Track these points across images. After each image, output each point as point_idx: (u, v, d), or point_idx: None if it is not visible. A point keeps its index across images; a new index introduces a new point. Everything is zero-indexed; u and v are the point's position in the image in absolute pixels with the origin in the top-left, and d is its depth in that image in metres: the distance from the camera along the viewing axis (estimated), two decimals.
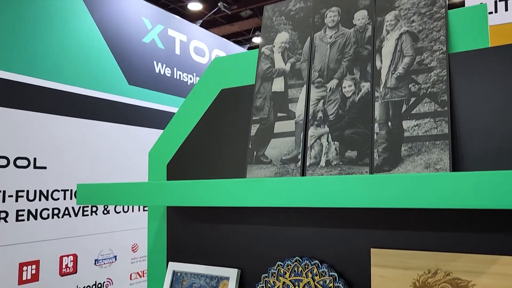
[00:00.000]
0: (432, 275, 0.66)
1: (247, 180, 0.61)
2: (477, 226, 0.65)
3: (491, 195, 0.45)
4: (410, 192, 0.49)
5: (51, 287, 2.31)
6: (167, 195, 0.68)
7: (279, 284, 0.78)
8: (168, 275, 0.92)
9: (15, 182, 2.17)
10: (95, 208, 2.58)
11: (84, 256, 2.50)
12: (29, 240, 2.24)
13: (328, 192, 0.55)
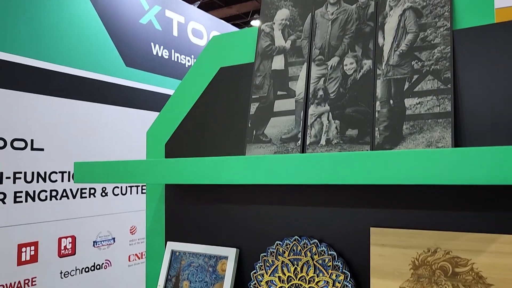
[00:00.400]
0: (432, 254, 0.66)
1: (246, 158, 0.60)
2: (477, 204, 0.65)
3: (493, 171, 0.44)
4: (411, 169, 0.48)
5: (50, 268, 2.32)
6: (166, 173, 0.67)
7: (278, 263, 0.78)
8: (166, 255, 0.92)
9: (13, 164, 2.17)
10: (93, 190, 2.57)
11: (82, 238, 2.50)
12: (28, 221, 2.24)
13: (328, 169, 0.54)
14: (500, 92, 0.63)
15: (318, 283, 0.74)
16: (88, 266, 2.55)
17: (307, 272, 0.75)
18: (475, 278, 0.63)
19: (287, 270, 0.77)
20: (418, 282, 0.66)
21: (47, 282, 2.29)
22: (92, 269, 2.57)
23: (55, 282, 2.33)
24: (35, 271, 2.24)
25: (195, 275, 0.87)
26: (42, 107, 2.29)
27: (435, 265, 0.66)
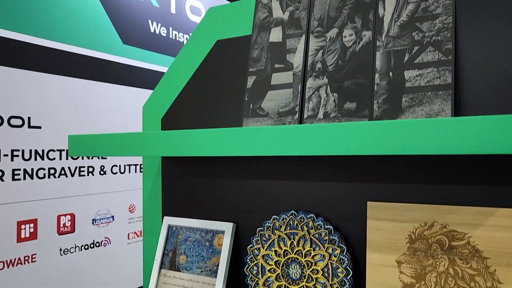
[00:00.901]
0: (428, 228, 0.66)
1: (243, 129, 0.59)
2: (475, 178, 0.64)
3: (493, 140, 0.43)
4: (411, 139, 0.48)
5: (49, 245, 2.33)
6: (162, 145, 0.66)
7: (274, 238, 0.78)
8: (163, 230, 0.91)
9: (10, 142, 2.16)
10: (92, 168, 2.57)
11: (81, 215, 2.51)
12: (26, 199, 2.25)
13: (326, 139, 0.53)
14: (502, 64, 0.62)
15: (314, 257, 0.74)
16: (87, 243, 2.56)
17: (303, 246, 0.75)
18: (472, 252, 0.63)
19: (284, 244, 0.77)
20: (414, 255, 0.66)
21: (46, 258, 2.31)
22: (92, 246, 2.59)
23: (54, 259, 2.35)
24: (34, 248, 2.25)
25: (192, 249, 0.87)
26: (39, 85, 2.26)
27: (431, 239, 0.65)
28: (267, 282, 0.78)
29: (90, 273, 2.51)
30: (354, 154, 0.51)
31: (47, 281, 2.30)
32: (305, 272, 0.74)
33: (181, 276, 0.86)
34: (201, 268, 0.85)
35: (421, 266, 0.66)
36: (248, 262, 0.80)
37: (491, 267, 0.61)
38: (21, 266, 2.22)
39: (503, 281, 0.60)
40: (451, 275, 0.63)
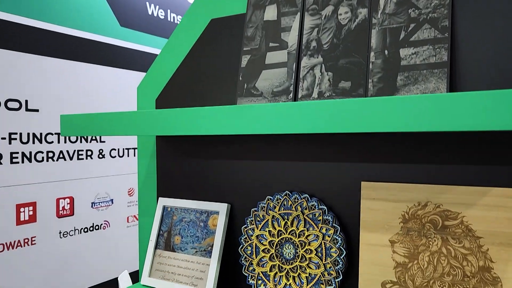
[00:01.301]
0: (422, 207, 0.66)
1: (237, 107, 0.58)
2: (469, 158, 0.63)
3: (490, 115, 0.42)
4: (405, 115, 0.47)
5: (49, 228, 2.35)
6: (156, 124, 0.65)
7: (268, 218, 0.78)
8: (158, 210, 0.91)
9: (8, 125, 2.15)
10: (90, 152, 2.57)
11: (80, 199, 2.52)
12: (25, 182, 2.25)
13: (320, 117, 0.52)
14: (498, 42, 0.61)
15: (308, 237, 0.73)
16: (87, 226, 2.58)
17: (297, 226, 0.75)
18: (465, 231, 0.62)
19: (278, 225, 0.77)
20: (408, 235, 0.66)
21: (46, 241, 2.33)
22: (91, 229, 2.61)
23: (54, 242, 2.36)
24: (34, 231, 2.27)
25: (187, 230, 0.87)
26: (36, 67, 2.25)
27: (425, 219, 0.65)
28: (261, 262, 0.78)
29: (89, 255, 2.53)
30: (348, 131, 0.50)
31: (47, 263, 2.32)
32: (299, 252, 0.74)
33: (176, 257, 0.87)
34: (196, 249, 0.85)
35: (414, 246, 0.66)
36: (242, 242, 0.80)
37: (484, 246, 0.61)
38: (21, 248, 2.23)
39: (495, 260, 0.60)
40: (444, 254, 0.63)
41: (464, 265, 0.62)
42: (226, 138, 0.85)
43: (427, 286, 0.64)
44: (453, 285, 0.62)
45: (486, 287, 0.60)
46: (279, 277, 0.76)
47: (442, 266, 0.63)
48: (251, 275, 0.79)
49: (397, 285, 0.66)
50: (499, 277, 0.60)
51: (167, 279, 0.86)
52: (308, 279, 0.73)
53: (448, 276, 0.63)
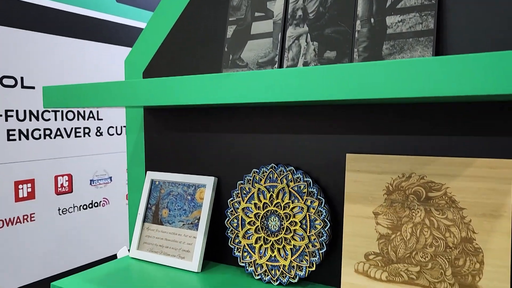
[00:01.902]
0: (406, 179, 0.65)
1: (222, 75, 0.57)
2: (454, 129, 0.62)
3: (477, 79, 0.41)
4: (391, 80, 0.45)
5: (48, 204, 2.36)
6: (142, 94, 0.64)
7: (254, 191, 0.77)
8: (146, 184, 0.91)
9: (3, 102, 2.14)
10: (88, 129, 2.57)
11: (79, 176, 2.53)
12: (23, 159, 2.26)
13: (304, 83, 0.51)
14: (487, 10, 0.59)
15: (293, 209, 0.73)
16: (86, 203, 2.60)
17: (282, 199, 0.74)
18: (448, 203, 0.62)
19: (263, 197, 0.76)
20: (391, 207, 0.66)
21: (45, 218, 2.35)
22: (90, 206, 2.63)
23: (53, 218, 2.39)
24: (33, 208, 2.28)
25: (174, 203, 0.87)
26: (31, 44, 2.22)
27: (408, 190, 0.65)
28: (246, 235, 0.78)
29: (89, 232, 2.55)
30: (333, 98, 0.49)
31: (46, 240, 2.35)
32: (284, 224, 0.74)
33: (163, 230, 0.87)
34: (183, 222, 0.85)
35: (398, 217, 0.65)
36: (228, 215, 0.80)
37: (467, 217, 0.60)
38: (20, 224, 2.25)
39: (477, 231, 0.60)
40: (427, 225, 0.63)
41: (447, 236, 0.62)
42: (213, 111, 0.84)
43: (409, 257, 0.64)
44: (435, 256, 0.62)
45: (468, 258, 0.60)
46: (264, 249, 0.76)
47: (425, 237, 0.63)
48: (237, 247, 0.79)
49: (380, 256, 0.66)
50: (480, 248, 0.59)
51: (155, 252, 0.86)
52: (293, 251, 0.73)
53: (431, 247, 0.63)
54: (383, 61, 0.46)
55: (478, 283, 0.59)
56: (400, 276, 0.64)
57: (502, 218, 0.58)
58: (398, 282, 0.64)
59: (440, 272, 0.62)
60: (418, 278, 0.63)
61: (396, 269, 0.65)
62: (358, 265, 0.67)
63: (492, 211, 0.59)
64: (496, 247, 0.58)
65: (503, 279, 0.58)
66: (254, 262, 0.76)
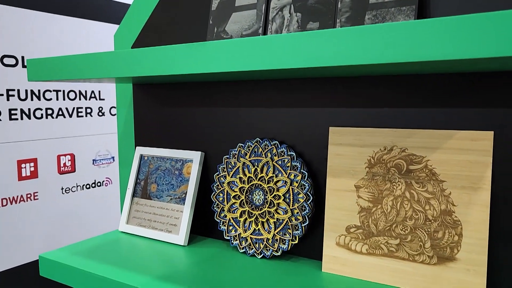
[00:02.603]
0: (388, 152, 0.64)
1: (208, 43, 0.56)
2: (435, 101, 0.61)
3: (460, 42, 0.40)
4: (375, 45, 0.44)
5: (51, 183, 2.39)
6: (129, 64, 0.63)
7: (239, 165, 0.77)
8: (135, 159, 0.92)
9: (5, 81, 2.15)
10: (90, 109, 2.58)
11: (81, 156, 2.55)
12: (25, 139, 2.28)
13: (287, 50, 0.50)
14: None
15: (277, 183, 0.73)
16: (89, 183, 2.62)
17: (266, 173, 0.74)
18: (428, 175, 0.61)
19: (248, 171, 0.76)
20: (373, 180, 0.65)
21: (48, 196, 2.38)
22: (93, 186, 2.65)
23: (56, 197, 2.42)
24: (36, 186, 2.31)
25: (162, 178, 0.88)
26: (32, 23, 2.22)
27: (390, 163, 0.64)
28: (231, 208, 0.78)
29: (92, 211, 2.59)
30: (315, 65, 0.48)
31: (49, 218, 2.38)
32: (268, 198, 0.74)
33: (151, 204, 0.88)
34: (171, 196, 0.86)
35: (379, 190, 0.65)
36: (214, 189, 0.80)
37: (446, 190, 0.60)
38: (23, 203, 2.29)
39: (457, 204, 0.59)
40: (407, 198, 0.63)
41: (427, 209, 0.61)
42: (201, 86, 0.84)
43: (389, 230, 0.64)
44: (414, 229, 0.62)
45: (447, 230, 0.60)
46: (249, 222, 0.76)
47: (405, 210, 0.63)
48: (222, 221, 0.79)
49: (360, 229, 0.66)
50: (459, 220, 0.59)
51: (143, 226, 0.87)
52: (276, 224, 0.73)
53: (410, 220, 0.62)
54: (359, 27, 0.45)
55: (456, 255, 0.59)
56: (380, 249, 0.64)
57: (481, 191, 0.58)
58: (378, 254, 0.64)
59: (420, 244, 0.62)
60: (397, 250, 0.63)
61: (376, 242, 0.65)
62: (339, 238, 0.68)
63: (472, 183, 0.58)
64: (474, 219, 0.58)
65: (481, 251, 0.57)
66: (239, 236, 0.77)
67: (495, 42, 0.37)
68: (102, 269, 0.70)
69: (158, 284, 0.64)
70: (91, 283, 0.70)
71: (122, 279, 0.67)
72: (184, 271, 0.69)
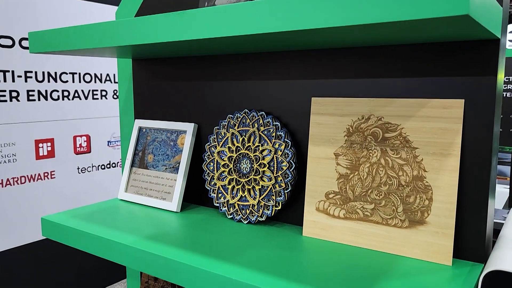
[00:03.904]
0: (365, 121, 0.67)
1: (208, 9, 0.58)
2: (411, 71, 0.63)
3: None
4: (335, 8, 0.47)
5: (67, 162, 2.48)
6: (130, 32, 0.65)
7: (228, 135, 0.81)
8: (134, 132, 0.96)
9: (23, 63, 2.23)
10: (105, 92, 2.65)
11: (96, 137, 2.63)
12: (42, 119, 2.36)
13: (268, 15, 0.53)
14: None
15: (263, 152, 0.76)
16: (103, 163, 2.71)
17: (253, 142, 0.78)
18: (402, 143, 0.64)
19: (236, 141, 0.80)
20: (351, 148, 0.68)
21: (65, 176, 2.47)
22: (108, 166, 2.74)
23: (72, 176, 2.51)
24: (53, 166, 2.41)
25: (159, 149, 0.92)
26: (47, 6, 2.28)
27: (367, 131, 0.67)
28: (221, 177, 0.82)
29: (107, 190, 2.67)
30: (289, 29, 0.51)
31: (66, 196, 2.48)
32: (254, 166, 0.77)
33: (148, 173, 0.92)
34: (166, 166, 0.90)
35: (356, 158, 0.68)
36: (205, 159, 0.84)
37: (419, 156, 0.62)
38: (41, 181, 2.38)
39: (428, 170, 0.62)
40: (382, 165, 0.65)
41: (400, 175, 0.64)
42: (194, 61, 0.87)
43: (365, 195, 0.67)
44: (388, 194, 0.65)
45: (418, 195, 0.62)
46: (236, 190, 0.80)
47: (380, 176, 0.65)
48: (212, 189, 0.83)
49: (338, 195, 0.69)
50: (430, 185, 0.61)
51: (140, 194, 0.92)
52: (261, 191, 0.77)
53: (385, 186, 0.65)
54: None
55: (426, 219, 0.61)
56: (356, 213, 0.67)
57: (451, 157, 0.60)
58: (354, 219, 0.67)
59: (392, 209, 0.64)
60: (372, 215, 0.66)
61: (353, 207, 0.68)
62: (319, 203, 0.71)
63: (442, 150, 0.60)
64: (444, 184, 0.60)
65: (449, 215, 0.60)
66: (227, 203, 0.81)
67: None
68: (98, 230, 0.75)
69: (147, 243, 0.69)
70: (87, 242, 0.75)
71: (115, 238, 0.71)
72: (174, 233, 0.74)
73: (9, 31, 2.15)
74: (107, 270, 2.77)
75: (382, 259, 0.62)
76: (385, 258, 0.62)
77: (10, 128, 2.22)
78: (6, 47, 2.16)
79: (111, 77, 2.67)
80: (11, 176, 2.24)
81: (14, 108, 2.21)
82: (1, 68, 2.15)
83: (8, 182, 2.23)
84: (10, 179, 2.23)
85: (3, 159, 2.21)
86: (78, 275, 2.60)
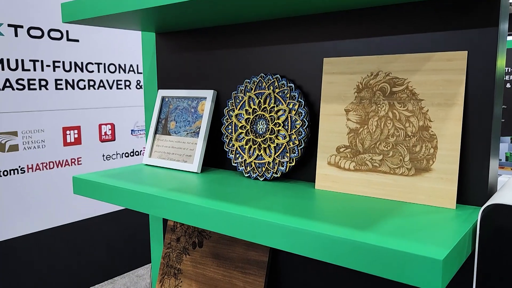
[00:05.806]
0: (374, 77, 0.71)
1: None
2: (415, 27, 0.67)
3: None
4: None
5: (93, 150, 2.57)
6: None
7: (245, 98, 0.86)
8: (157, 101, 1.02)
9: (51, 53, 2.33)
10: (128, 82, 2.73)
11: (121, 126, 2.72)
12: (69, 107, 2.45)
13: None
14: None
15: (278, 112, 0.81)
16: (127, 151, 2.80)
17: (269, 103, 0.82)
18: (409, 95, 0.67)
19: (253, 104, 0.85)
20: (360, 103, 0.72)
21: (91, 162, 2.57)
22: (132, 154, 2.83)
23: (98, 163, 2.61)
24: (79, 152, 2.51)
25: (180, 116, 0.97)
26: None
27: (376, 87, 0.70)
28: (239, 138, 0.87)
29: None
30: None
31: None
32: (269, 126, 0.82)
33: (170, 139, 0.98)
34: (187, 131, 0.95)
35: (365, 113, 0.71)
36: (224, 122, 0.89)
37: (424, 107, 0.66)
38: (68, 167, 2.48)
39: (433, 120, 0.65)
40: (390, 118, 0.69)
41: (407, 126, 0.67)
42: (212, 31, 0.93)
43: (374, 147, 0.70)
44: (396, 145, 0.68)
45: (424, 144, 0.66)
46: (253, 149, 0.85)
47: (388, 128, 0.69)
48: (230, 150, 0.88)
49: (349, 148, 0.73)
50: (435, 134, 0.65)
51: (163, 158, 0.98)
52: (276, 149, 0.81)
53: (392, 137, 0.69)
54: None
55: (431, 166, 0.65)
56: (366, 165, 0.71)
57: (455, 106, 0.63)
58: (364, 170, 0.71)
59: (400, 159, 0.68)
60: (380, 165, 0.70)
61: (362, 159, 0.71)
62: (330, 157, 0.75)
63: (447, 100, 0.64)
64: (448, 132, 0.64)
65: (453, 161, 0.63)
66: (244, 162, 0.86)
67: None
68: (125, 184, 0.81)
69: (170, 193, 0.74)
70: (114, 195, 0.81)
71: (141, 190, 0.77)
72: (195, 186, 0.79)
73: (39, 23, 2.26)
74: (129, 255, 2.85)
75: (389, 205, 0.65)
76: (393, 204, 0.66)
77: (40, 115, 2.33)
78: (35, 37, 2.26)
79: (134, 68, 2.76)
80: (40, 161, 2.34)
81: (43, 96, 2.32)
82: (31, 58, 2.25)
83: (38, 167, 2.34)
84: (39, 163, 2.34)
85: (33, 145, 2.32)
86: (109, 257, 2.68)
